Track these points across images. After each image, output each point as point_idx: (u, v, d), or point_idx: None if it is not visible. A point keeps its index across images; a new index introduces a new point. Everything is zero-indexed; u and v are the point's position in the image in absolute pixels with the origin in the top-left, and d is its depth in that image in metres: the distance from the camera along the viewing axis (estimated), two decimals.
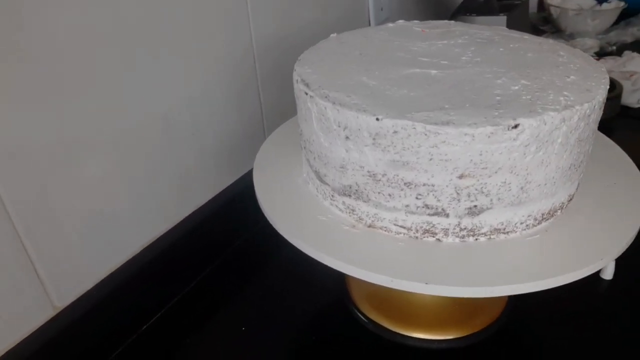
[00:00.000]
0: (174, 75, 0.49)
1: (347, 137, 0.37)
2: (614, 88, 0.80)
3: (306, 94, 0.39)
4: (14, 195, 0.37)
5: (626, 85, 0.85)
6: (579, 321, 0.48)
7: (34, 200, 0.39)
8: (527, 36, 0.48)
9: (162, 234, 0.51)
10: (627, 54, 0.99)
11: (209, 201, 0.56)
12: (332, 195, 0.41)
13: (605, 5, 1.17)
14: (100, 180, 0.44)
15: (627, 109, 0.85)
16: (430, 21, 0.52)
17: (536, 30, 1.20)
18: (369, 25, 0.84)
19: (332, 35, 0.50)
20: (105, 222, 0.45)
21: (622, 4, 1.14)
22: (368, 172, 0.37)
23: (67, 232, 0.42)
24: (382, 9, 0.85)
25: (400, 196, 0.37)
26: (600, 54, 1.04)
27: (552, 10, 1.15)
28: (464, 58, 0.43)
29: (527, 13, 1.14)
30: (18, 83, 0.36)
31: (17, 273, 0.39)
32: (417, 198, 0.36)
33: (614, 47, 1.07)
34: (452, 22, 0.52)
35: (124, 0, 0.42)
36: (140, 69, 0.45)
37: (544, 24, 1.23)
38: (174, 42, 0.48)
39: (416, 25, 0.51)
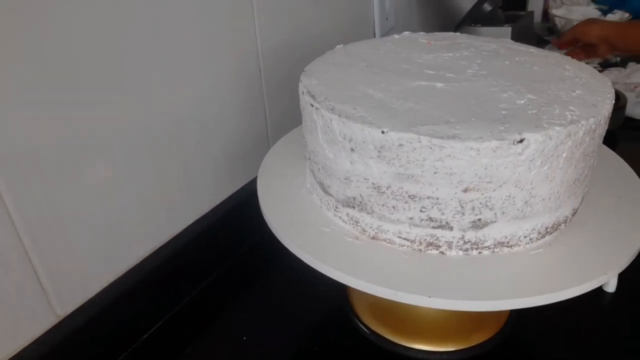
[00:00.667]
0: (179, 83, 0.49)
1: (352, 149, 0.37)
2: (619, 99, 0.80)
3: (312, 105, 0.39)
4: (18, 202, 0.38)
5: (630, 97, 0.85)
6: (582, 333, 0.48)
7: (38, 208, 0.39)
8: (533, 49, 0.48)
9: (165, 242, 0.51)
10: (632, 65, 0.99)
11: (212, 209, 0.57)
12: (336, 207, 0.41)
13: (609, 17, 1.17)
14: (104, 188, 0.44)
15: (631, 120, 0.85)
16: (436, 33, 0.52)
17: (541, 41, 1.20)
18: (374, 34, 0.84)
19: (338, 46, 0.50)
20: (108, 230, 0.45)
21: (627, 15, 1.14)
22: (372, 184, 0.37)
23: (70, 240, 0.42)
24: (387, 19, 0.85)
25: (404, 209, 0.37)
26: (605, 65, 1.04)
27: (557, 20, 1.16)
28: (469, 71, 0.43)
29: (532, 23, 1.14)
30: (24, 86, 0.36)
31: (19, 281, 0.39)
32: (421, 211, 0.36)
33: (618, 59, 1.07)
34: (458, 34, 0.52)
35: (132, 8, 0.42)
36: (146, 78, 0.45)
37: (549, 34, 1.23)
38: (180, 51, 0.48)
39: (422, 37, 0.51)
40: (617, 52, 0.86)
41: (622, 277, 0.50)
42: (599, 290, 0.51)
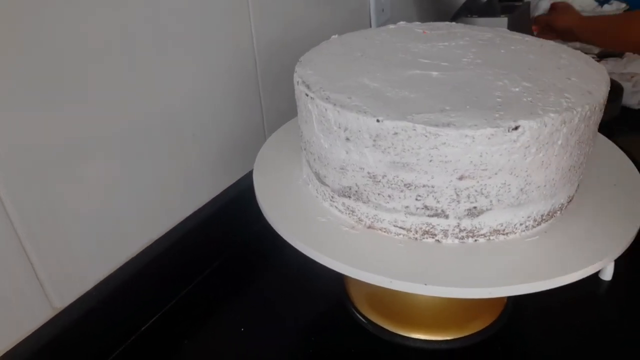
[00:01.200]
0: (174, 76, 0.49)
1: (347, 139, 0.37)
2: (615, 90, 0.80)
3: (307, 95, 0.39)
4: (14, 196, 0.37)
5: (627, 87, 0.85)
6: (578, 322, 0.48)
7: (34, 201, 0.39)
8: (528, 38, 0.48)
9: (161, 235, 0.51)
10: (628, 55, 0.99)
11: (209, 202, 0.56)
12: (332, 197, 0.41)
13: (606, 7, 1.17)
14: (100, 182, 0.44)
15: (627, 110, 0.85)
16: (432, 22, 0.52)
17: None
18: (370, 26, 0.84)
19: (333, 36, 0.50)
20: (104, 223, 0.45)
21: (624, 5, 1.14)
22: (368, 173, 0.37)
23: (66, 233, 0.42)
24: (383, 10, 0.85)
25: (400, 197, 0.37)
26: (602, 56, 1.04)
27: None
28: (465, 60, 0.43)
29: (529, 14, 1.14)
30: (20, 83, 0.36)
31: (16, 274, 0.39)
32: (416, 199, 0.36)
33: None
34: (453, 23, 0.52)
35: (128, 4, 0.42)
36: (141, 71, 0.45)
37: None
38: (174, 43, 0.48)
39: (417, 27, 0.51)
40: (582, 42, 0.89)
41: (619, 265, 0.51)
42: (596, 278, 0.51)
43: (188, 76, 0.50)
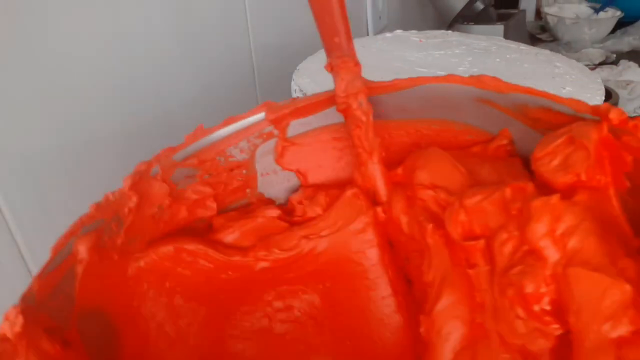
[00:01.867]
0: (171, 82, 0.49)
1: None
2: (610, 97, 0.81)
3: None
4: (12, 202, 0.37)
5: (622, 94, 0.86)
6: None
7: (32, 207, 0.39)
8: (523, 47, 0.49)
9: None
10: (624, 63, 1.00)
11: None
12: None
13: (602, 15, 1.18)
14: (100, 186, 0.44)
15: None
16: (428, 31, 0.53)
17: (533, 39, 1.21)
18: (367, 33, 0.84)
19: None
20: None
21: (619, 13, 1.15)
22: None
23: None
24: (380, 18, 0.85)
25: None
26: (597, 63, 1.05)
27: (549, 18, 1.16)
28: (460, 69, 0.43)
29: (524, 22, 1.15)
30: (17, 84, 0.36)
31: (14, 282, 0.39)
32: None
33: (614, 56, 1.07)
34: (449, 32, 0.53)
35: (126, 7, 0.43)
36: (138, 78, 0.45)
37: (541, 33, 1.24)
38: (172, 50, 0.48)
39: (414, 35, 0.52)
40: None
41: None
42: None
43: (185, 82, 0.50)
